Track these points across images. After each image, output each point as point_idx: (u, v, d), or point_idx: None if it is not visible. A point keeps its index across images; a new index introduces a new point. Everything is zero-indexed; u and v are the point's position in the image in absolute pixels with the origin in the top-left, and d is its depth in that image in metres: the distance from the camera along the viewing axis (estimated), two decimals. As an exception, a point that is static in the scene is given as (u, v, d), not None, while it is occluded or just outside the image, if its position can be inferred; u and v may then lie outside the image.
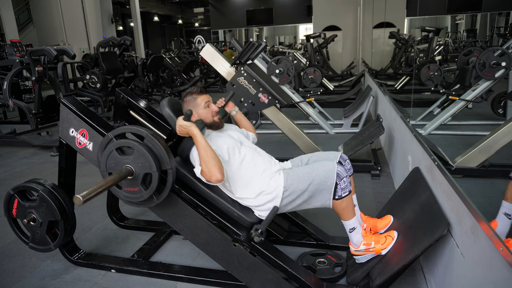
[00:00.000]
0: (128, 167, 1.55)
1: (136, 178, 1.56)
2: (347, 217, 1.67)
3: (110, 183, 1.45)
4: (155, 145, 1.54)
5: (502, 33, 6.66)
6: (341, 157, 1.81)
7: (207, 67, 10.78)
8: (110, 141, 1.58)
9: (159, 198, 1.61)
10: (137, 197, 1.61)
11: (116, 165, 1.58)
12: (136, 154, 1.53)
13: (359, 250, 1.73)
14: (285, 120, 3.35)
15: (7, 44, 8.43)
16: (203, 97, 1.83)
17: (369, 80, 6.50)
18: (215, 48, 3.38)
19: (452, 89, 4.42)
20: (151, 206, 1.67)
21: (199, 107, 1.80)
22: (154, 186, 1.56)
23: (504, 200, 1.52)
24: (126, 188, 1.61)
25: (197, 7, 19.73)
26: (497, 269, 1.08)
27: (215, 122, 1.83)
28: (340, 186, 1.60)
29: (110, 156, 1.57)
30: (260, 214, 1.69)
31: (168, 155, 1.55)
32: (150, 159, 1.51)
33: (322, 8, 10.99)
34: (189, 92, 1.85)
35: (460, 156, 2.68)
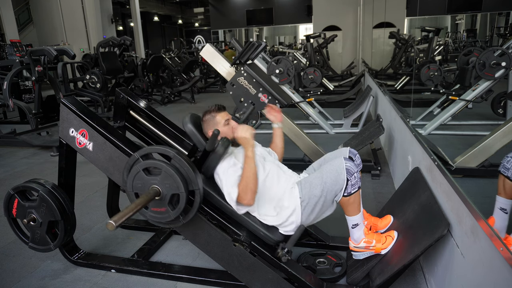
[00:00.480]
0: (155, 187, 1.53)
1: (163, 199, 1.54)
2: (352, 213, 1.67)
3: (140, 206, 1.42)
4: (182, 166, 1.53)
5: (502, 33, 6.66)
6: (351, 152, 1.79)
7: (207, 67, 10.78)
8: (137, 161, 1.56)
9: (186, 218, 1.59)
10: (163, 218, 1.58)
11: (143, 185, 1.55)
12: (163, 175, 1.51)
13: (358, 247, 1.73)
14: (285, 120, 3.35)
15: (7, 44, 8.44)
16: (222, 115, 1.81)
17: (369, 80, 6.50)
18: (215, 48, 3.38)
19: (452, 89, 4.43)
20: (177, 226, 1.65)
21: (219, 125, 1.78)
22: (181, 207, 1.53)
23: (497, 195, 1.53)
24: (152, 208, 1.58)
25: (197, 7, 19.72)
26: (497, 269, 1.08)
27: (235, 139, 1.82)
28: (350, 182, 1.58)
29: (136, 176, 1.55)
30: (285, 231, 1.68)
31: (196, 175, 1.53)
32: (178, 180, 1.49)
33: (322, 8, 10.99)
34: (208, 111, 1.83)
35: (460, 156, 2.68)
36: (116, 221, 1.27)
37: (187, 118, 1.82)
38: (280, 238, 1.67)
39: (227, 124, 1.80)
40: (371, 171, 3.21)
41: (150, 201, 1.50)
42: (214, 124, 1.79)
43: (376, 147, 3.27)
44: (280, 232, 1.69)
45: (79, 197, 2.98)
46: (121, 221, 1.28)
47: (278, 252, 1.60)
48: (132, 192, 1.58)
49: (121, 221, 1.28)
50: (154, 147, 1.65)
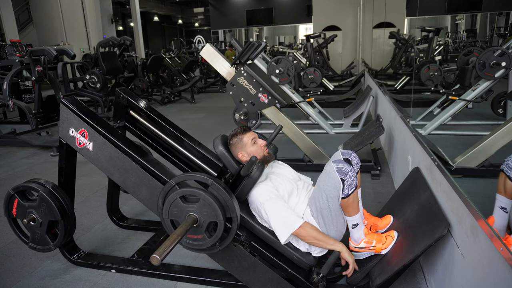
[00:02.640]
0: (192, 215, 1.51)
1: (200, 226, 1.53)
2: (351, 213, 1.66)
3: (180, 236, 1.40)
4: (220, 193, 1.52)
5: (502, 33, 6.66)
6: (345, 153, 1.80)
7: (207, 67, 10.78)
8: (173, 188, 1.55)
9: (222, 245, 1.58)
10: (200, 245, 1.58)
11: (180, 212, 1.54)
12: (201, 203, 1.50)
13: (359, 247, 1.73)
14: (285, 120, 3.35)
15: (7, 44, 8.43)
16: (248, 135, 1.82)
17: (369, 80, 6.50)
18: (215, 48, 3.37)
19: (452, 89, 4.42)
20: (213, 252, 1.64)
21: (247, 147, 1.79)
22: (219, 235, 1.53)
23: (497, 194, 1.53)
24: (189, 235, 1.57)
25: (197, 7, 19.73)
26: (497, 269, 1.08)
27: (265, 157, 1.82)
28: (346, 183, 1.57)
29: (173, 204, 1.54)
30: (317, 253, 1.70)
31: (233, 202, 1.53)
32: (217, 208, 1.48)
33: (322, 8, 10.98)
34: (234, 134, 1.83)
35: (460, 156, 2.68)
36: (160, 254, 1.26)
37: (218, 140, 1.81)
38: (313, 262, 1.68)
39: (254, 143, 1.81)
40: (371, 171, 3.22)
41: (189, 229, 1.48)
42: (242, 146, 1.80)
43: (376, 147, 3.27)
44: (313, 256, 1.70)
45: (79, 197, 2.98)
46: (165, 254, 1.27)
47: (313, 278, 1.61)
48: (168, 219, 1.57)
49: (165, 254, 1.27)
50: (190, 175, 1.64)
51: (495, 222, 1.51)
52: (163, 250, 1.27)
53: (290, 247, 1.69)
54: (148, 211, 2.66)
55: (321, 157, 3.35)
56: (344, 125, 4.76)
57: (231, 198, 1.53)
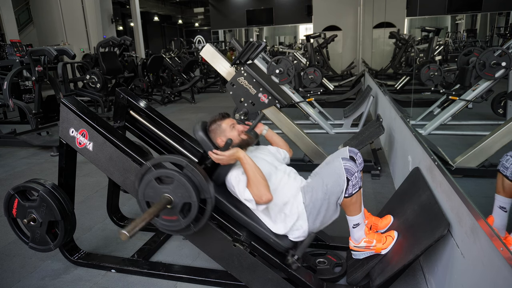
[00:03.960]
0: (167, 196, 1.53)
1: (174, 207, 1.54)
2: (354, 213, 1.66)
3: (152, 215, 1.42)
4: (195, 175, 1.53)
5: (502, 33, 6.66)
6: (351, 151, 1.79)
7: (207, 67, 10.78)
8: (149, 170, 1.56)
9: (197, 226, 1.59)
10: (174, 226, 1.59)
11: (155, 194, 1.55)
12: (175, 184, 1.51)
13: (359, 246, 1.73)
14: (285, 120, 3.35)
15: (7, 44, 8.42)
16: (227, 121, 1.83)
17: (369, 80, 6.50)
18: (215, 48, 3.37)
19: (452, 89, 4.42)
20: (188, 234, 1.65)
21: (226, 132, 1.80)
22: (193, 216, 1.54)
23: (496, 194, 1.53)
24: (163, 216, 1.58)
25: (197, 7, 19.75)
26: (497, 269, 1.08)
27: (244, 140, 1.81)
28: (351, 183, 1.57)
29: (149, 185, 1.55)
30: (294, 237, 1.69)
31: (208, 184, 1.54)
32: (190, 189, 1.50)
33: (322, 8, 10.98)
34: (213, 121, 1.84)
35: (460, 156, 2.68)
36: (129, 231, 1.26)
37: (198, 126, 1.82)
38: (289, 245, 1.67)
39: (233, 128, 1.82)
40: (371, 171, 3.21)
41: (162, 210, 1.49)
42: (221, 131, 1.80)
43: (376, 147, 3.27)
44: (289, 239, 1.69)
45: (79, 197, 2.98)
46: (134, 231, 1.28)
47: (288, 259, 1.61)
48: (143, 201, 1.58)
49: (134, 231, 1.28)
50: (166, 156, 1.65)
51: (494, 222, 1.52)
52: (132, 227, 1.28)
53: (267, 230, 1.69)
54: (148, 211, 2.65)
55: (321, 157, 3.35)
56: (344, 125, 4.76)
57: (206, 179, 1.54)
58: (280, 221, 1.68)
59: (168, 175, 1.53)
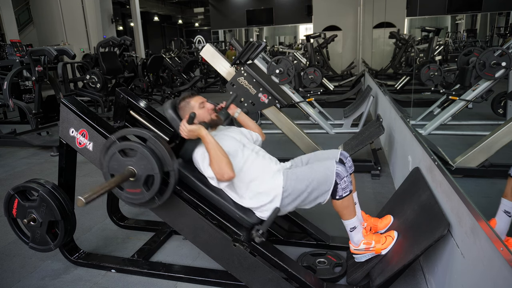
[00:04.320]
0: (130, 168, 1.55)
1: (138, 180, 1.57)
2: (348, 217, 1.67)
3: (112, 184, 1.45)
4: (157, 147, 1.55)
5: (502, 33, 6.66)
6: (342, 154, 1.80)
7: (207, 67, 10.78)
8: (113, 143, 1.59)
9: (161, 200, 1.61)
10: (138, 199, 1.61)
11: (119, 166, 1.58)
12: (138, 156, 1.53)
13: (359, 249, 1.73)
14: (285, 120, 3.35)
15: (7, 44, 8.42)
16: (196, 99, 1.85)
17: (369, 80, 6.50)
18: (215, 48, 3.37)
19: (452, 89, 4.42)
20: (153, 207, 1.67)
21: (194, 109, 1.81)
22: (156, 188, 1.56)
23: (503, 198, 1.52)
24: (128, 189, 1.61)
25: (197, 7, 19.74)
26: (497, 269, 1.08)
27: (213, 120, 1.84)
28: (340, 186, 1.59)
29: (113, 158, 1.58)
30: (261, 215, 1.69)
31: (171, 157, 1.55)
32: (153, 161, 1.52)
33: (322, 8, 10.98)
34: (182, 98, 1.87)
35: (460, 156, 2.68)
36: (86, 198, 1.28)
37: (168, 104, 1.85)
38: (255, 221, 1.68)
39: (203, 107, 1.84)
40: (371, 171, 3.21)
41: (124, 181, 1.53)
42: (190, 109, 1.82)
43: (376, 147, 3.27)
44: (256, 216, 1.70)
45: (79, 197, 2.98)
46: (91, 198, 1.29)
47: (252, 233, 1.62)
48: (108, 173, 1.61)
49: (91, 198, 1.29)
50: (130, 129, 1.67)
51: (497, 225, 1.51)
52: (90, 194, 1.30)
53: (232, 205, 1.70)
54: (148, 211, 2.64)
55: (321, 157, 3.35)
56: (344, 125, 4.76)
57: (169, 152, 1.55)
58: (249, 197, 1.69)
59: (132, 147, 1.55)
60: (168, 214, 1.78)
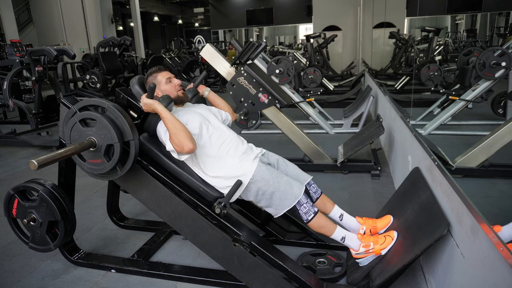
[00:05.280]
0: (91, 139, 1.58)
1: (99, 150, 1.59)
2: (329, 232, 1.73)
3: (70, 151, 1.47)
4: (117, 117, 1.57)
5: (502, 33, 6.65)
6: (309, 183, 1.86)
7: (207, 67, 10.78)
8: (74, 114, 1.61)
9: (123, 170, 1.63)
10: (100, 169, 1.63)
11: (80, 137, 1.60)
12: (98, 126, 1.56)
13: (359, 253, 1.73)
14: (285, 120, 3.35)
15: (7, 44, 8.42)
16: (163, 74, 1.87)
17: (369, 80, 6.50)
18: (215, 48, 3.37)
19: (452, 89, 4.42)
20: (115, 178, 1.69)
21: (161, 84, 1.84)
22: (116, 158, 1.58)
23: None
24: (89, 160, 1.64)
25: (197, 7, 19.74)
26: (497, 269, 1.08)
27: (179, 96, 1.85)
28: (302, 211, 1.66)
29: (74, 128, 1.61)
30: (224, 192, 1.72)
31: (131, 126, 1.57)
32: (112, 130, 1.54)
33: (322, 8, 10.98)
34: (149, 73, 1.89)
35: (460, 156, 2.68)
36: (40, 162, 1.29)
37: (135, 80, 1.87)
38: (218, 194, 1.70)
39: (169, 82, 1.85)
40: (371, 171, 3.22)
41: (83, 149, 1.54)
42: (157, 83, 1.83)
43: (376, 147, 3.27)
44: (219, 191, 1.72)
45: (79, 197, 2.98)
46: (45, 162, 1.30)
47: (214, 206, 1.64)
48: (70, 144, 1.62)
49: (45, 162, 1.30)
50: (89, 99, 1.69)
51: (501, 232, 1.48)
52: (45, 158, 1.32)
53: (197, 179, 1.71)
54: (148, 211, 2.65)
55: (321, 157, 3.35)
56: (344, 125, 4.76)
57: (129, 122, 1.57)
58: (212, 175, 1.71)
59: (91, 116, 1.58)
60: (134, 187, 1.80)
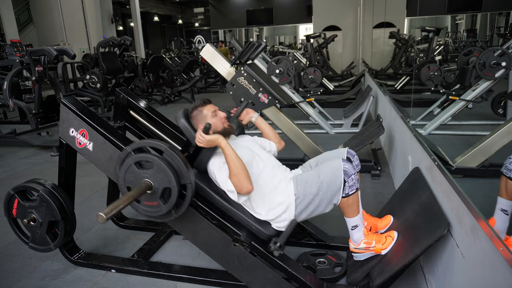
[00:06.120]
0: (147, 181, 1.53)
1: (155, 192, 1.54)
2: (352, 215, 1.66)
3: (131, 199, 1.42)
4: (174, 159, 1.53)
5: (502, 33, 6.65)
6: (349, 153, 1.79)
7: (207, 67, 10.78)
8: (129, 155, 1.56)
9: (178, 212, 1.59)
10: (155, 211, 1.59)
11: (135, 179, 1.56)
12: (155, 169, 1.51)
13: (359, 248, 1.73)
14: (285, 120, 3.35)
15: (7, 44, 8.42)
16: (208, 107, 1.82)
17: (369, 80, 6.50)
18: (215, 48, 3.37)
19: (452, 89, 4.42)
20: (170, 220, 1.65)
21: (207, 118, 1.78)
22: (173, 201, 1.54)
23: (499, 196, 1.53)
24: (144, 202, 1.59)
25: (197, 7, 19.74)
26: (497, 269, 1.08)
27: (225, 129, 1.80)
28: (348, 184, 1.57)
29: (128, 170, 1.55)
30: (278, 226, 1.68)
31: (187, 169, 1.53)
32: (170, 174, 1.50)
33: (322, 8, 10.98)
34: (194, 107, 1.83)
35: (460, 156, 2.68)
36: (106, 213, 1.27)
37: (180, 113, 1.83)
38: (272, 233, 1.67)
39: (215, 115, 1.81)
40: (371, 171, 3.21)
41: (141, 194, 1.50)
42: (202, 117, 1.79)
43: (376, 147, 3.27)
44: (272, 227, 1.69)
45: (79, 197, 2.98)
46: (111, 213, 1.28)
47: (270, 247, 1.60)
48: (124, 186, 1.59)
49: (111, 213, 1.28)
50: (146, 141, 1.65)
51: (495, 224, 1.51)
52: (110, 210, 1.29)
53: (249, 217, 1.69)
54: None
55: (321, 157, 3.35)
56: (344, 125, 4.76)
57: (185, 165, 1.54)
58: (264, 209, 1.68)
59: (148, 159, 1.53)
60: (183, 226, 1.76)
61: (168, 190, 1.54)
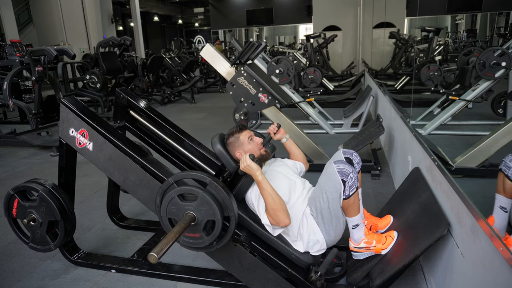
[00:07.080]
0: (190, 213, 1.51)
1: (198, 225, 1.53)
2: (352, 214, 1.66)
3: (178, 234, 1.39)
4: (218, 192, 1.52)
5: (502, 33, 6.66)
6: (346, 152, 1.79)
7: (207, 67, 10.78)
8: (171, 186, 1.55)
9: (219, 244, 1.58)
10: (197, 243, 1.57)
11: (177, 211, 1.54)
12: (199, 201, 1.50)
13: (359, 247, 1.73)
14: (285, 120, 3.35)
15: (7, 44, 8.41)
16: (245, 134, 1.82)
17: (369, 80, 6.50)
18: (215, 48, 3.37)
19: (452, 89, 4.42)
20: (210, 251, 1.64)
21: (244, 145, 1.79)
22: (217, 233, 1.52)
23: (497, 193, 1.53)
24: (186, 233, 1.57)
25: (197, 7, 19.74)
26: (497, 269, 1.08)
27: (262, 155, 1.81)
28: (348, 184, 1.57)
29: (171, 202, 1.54)
30: (314, 251, 1.70)
31: (231, 201, 1.52)
32: (214, 207, 1.48)
33: (322, 8, 10.98)
34: (230, 133, 1.84)
35: (460, 156, 2.68)
36: (157, 252, 1.24)
37: (216, 139, 1.81)
38: (311, 261, 1.68)
39: (252, 141, 1.81)
40: (371, 171, 3.22)
41: (186, 228, 1.47)
42: (240, 144, 1.80)
43: (376, 147, 3.27)
44: (311, 255, 1.70)
45: (79, 197, 2.98)
46: (162, 252, 1.26)
47: (311, 276, 1.60)
48: (166, 218, 1.57)
49: (162, 252, 1.26)
50: (189, 173, 1.62)
51: (495, 222, 1.51)
52: (160, 248, 1.26)
53: (288, 245, 1.70)
54: (148, 211, 2.66)
55: (321, 157, 3.35)
56: (344, 125, 4.76)
57: (229, 196, 1.53)
58: (298, 239, 1.70)
59: (192, 192, 1.51)
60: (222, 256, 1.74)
61: (211, 222, 1.53)
